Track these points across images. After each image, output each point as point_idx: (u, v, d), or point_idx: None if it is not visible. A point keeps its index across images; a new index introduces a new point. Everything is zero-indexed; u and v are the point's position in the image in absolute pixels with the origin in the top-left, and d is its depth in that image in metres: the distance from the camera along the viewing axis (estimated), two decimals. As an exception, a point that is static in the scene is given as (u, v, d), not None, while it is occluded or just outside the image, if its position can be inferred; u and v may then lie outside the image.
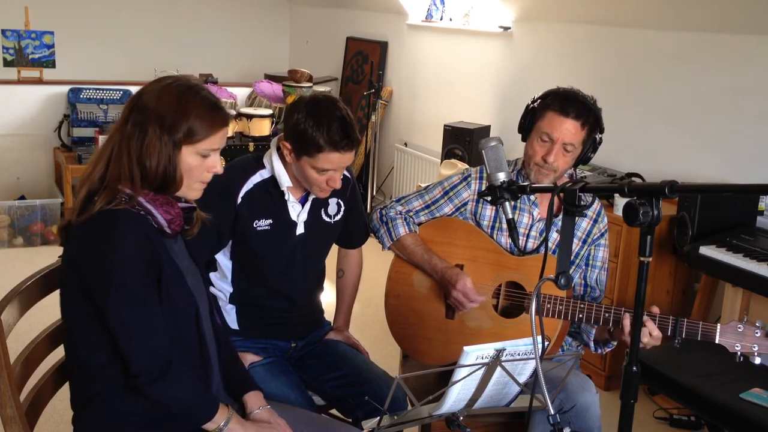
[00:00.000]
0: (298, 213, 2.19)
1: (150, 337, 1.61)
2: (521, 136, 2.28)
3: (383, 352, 3.50)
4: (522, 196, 2.01)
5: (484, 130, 4.80)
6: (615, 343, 2.15)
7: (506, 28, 4.77)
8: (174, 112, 1.60)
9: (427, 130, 5.53)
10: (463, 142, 4.73)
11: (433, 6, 5.53)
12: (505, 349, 1.58)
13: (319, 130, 1.99)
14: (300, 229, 2.20)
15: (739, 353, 1.86)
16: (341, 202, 2.29)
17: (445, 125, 4.86)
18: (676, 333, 1.92)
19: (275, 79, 6.09)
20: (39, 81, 5.68)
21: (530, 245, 2.31)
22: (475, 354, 1.56)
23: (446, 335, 2.26)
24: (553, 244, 2.26)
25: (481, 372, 1.60)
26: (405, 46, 5.83)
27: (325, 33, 7.02)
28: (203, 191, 1.73)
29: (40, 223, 5.18)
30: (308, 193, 2.18)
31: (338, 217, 2.29)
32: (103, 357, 1.64)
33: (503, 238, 2.29)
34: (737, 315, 3.02)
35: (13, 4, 5.85)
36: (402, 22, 5.82)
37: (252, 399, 1.89)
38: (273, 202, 2.15)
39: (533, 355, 1.59)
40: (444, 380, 1.68)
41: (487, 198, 1.73)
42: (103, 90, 5.63)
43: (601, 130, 2.23)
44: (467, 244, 2.28)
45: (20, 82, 5.65)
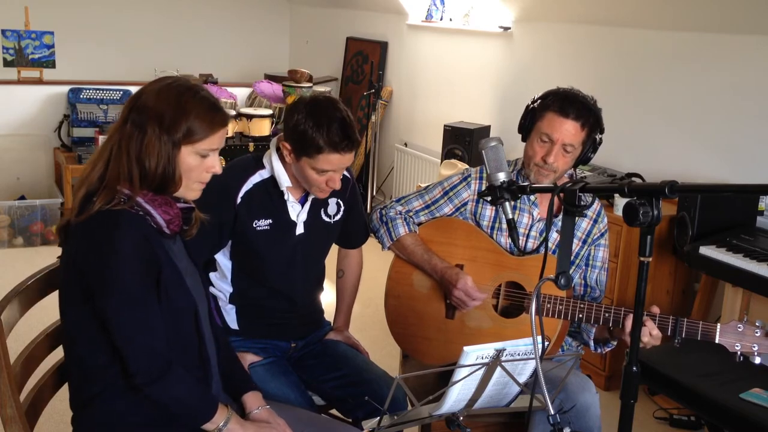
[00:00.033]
0: (297, 213, 2.19)
1: (149, 337, 1.61)
2: (521, 136, 2.28)
3: (383, 352, 3.50)
4: (522, 196, 2.01)
5: (484, 130, 4.80)
6: (615, 342, 2.15)
7: (506, 28, 4.77)
8: (173, 112, 1.60)
9: (427, 130, 5.53)
10: (463, 142, 4.73)
11: (433, 6, 5.53)
12: (505, 349, 1.58)
13: (319, 131, 1.99)
14: (300, 229, 2.20)
15: (739, 353, 1.86)
16: (341, 202, 2.29)
17: (445, 125, 4.86)
18: (676, 333, 1.92)
19: (275, 79, 6.09)
20: (39, 81, 5.68)
21: (530, 245, 2.31)
22: (475, 354, 1.56)
23: (446, 335, 2.26)
24: (553, 244, 2.26)
25: (481, 372, 1.60)
26: (405, 46, 5.83)
27: (325, 33, 7.02)
28: (203, 191, 1.73)
29: (40, 223, 5.18)
30: (308, 193, 2.18)
31: (338, 217, 2.29)
32: (103, 357, 1.64)
33: (503, 238, 2.29)
34: (737, 315, 3.02)
35: (13, 4, 5.85)
36: (402, 22, 5.82)
37: (251, 399, 1.89)
38: (272, 202, 2.15)
39: (533, 355, 1.59)
40: (444, 380, 1.68)
41: (487, 198, 1.73)
42: (103, 90, 5.63)
43: (601, 131, 2.23)
44: (467, 244, 2.28)
45: (20, 82, 5.65)
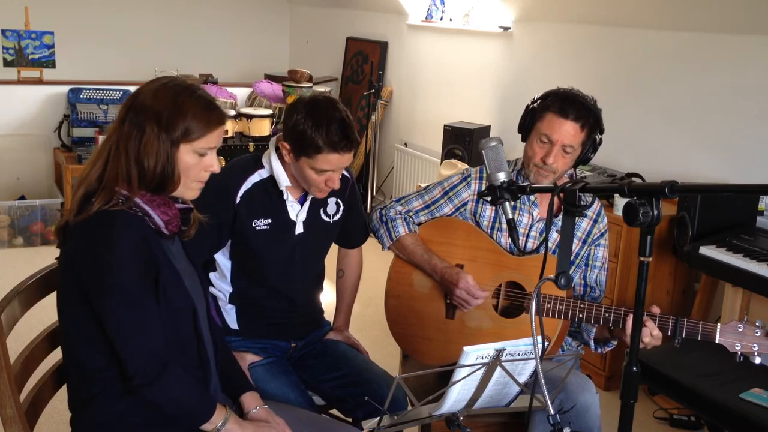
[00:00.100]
0: (297, 213, 2.19)
1: (146, 338, 1.60)
2: (521, 136, 2.28)
3: (383, 352, 3.50)
4: (522, 196, 2.01)
5: (484, 130, 4.80)
6: (615, 342, 2.15)
7: (506, 28, 4.77)
8: (171, 111, 1.61)
9: (427, 130, 5.53)
10: (463, 142, 4.73)
11: (433, 6, 5.53)
12: (505, 349, 1.58)
13: (318, 131, 2.00)
14: (299, 229, 2.20)
15: (739, 353, 1.86)
16: (340, 202, 2.29)
17: (445, 125, 4.86)
18: (676, 333, 1.92)
19: (275, 79, 6.09)
20: (39, 81, 5.68)
21: (530, 245, 2.31)
22: (475, 354, 1.56)
23: (446, 335, 2.26)
24: (553, 244, 2.26)
25: (481, 372, 1.60)
26: (405, 46, 5.83)
27: (325, 33, 7.02)
28: (202, 191, 1.73)
29: (40, 223, 5.18)
30: (307, 193, 2.18)
31: (337, 216, 2.29)
32: (101, 359, 1.64)
33: (503, 238, 2.29)
34: (737, 315, 3.02)
35: (13, 4, 5.85)
36: (402, 22, 5.82)
37: (249, 399, 1.89)
38: (272, 202, 2.16)
39: (533, 355, 1.59)
40: (444, 380, 1.68)
41: (487, 198, 1.73)
42: (103, 90, 5.63)
43: (601, 131, 2.22)
44: (467, 244, 2.28)
45: (20, 82, 5.65)
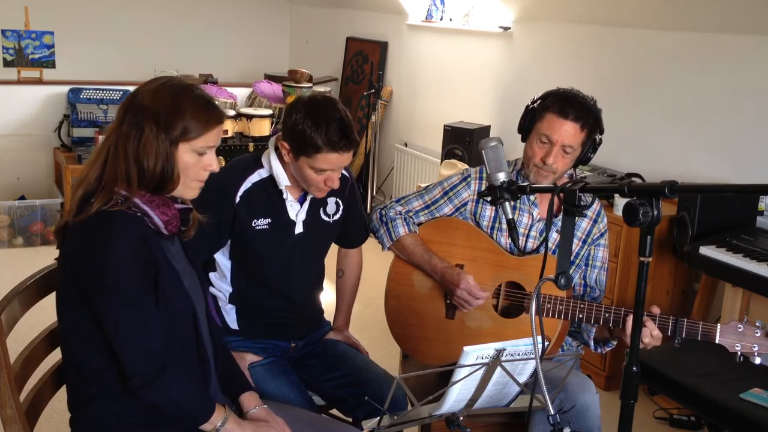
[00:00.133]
0: (296, 212, 2.19)
1: (145, 338, 1.60)
2: (521, 136, 2.28)
3: (383, 352, 3.50)
4: (522, 196, 2.01)
5: (484, 130, 4.80)
6: (615, 342, 2.15)
7: (506, 28, 4.77)
8: (169, 110, 1.61)
9: (427, 130, 5.53)
10: (463, 142, 4.73)
11: (433, 6, 5.53)
12: (505, 349, 1.58)
13: (317, 130, 2.00)
14: (299, 229, 2.20)
15: (739, 353, 1.86)
16: (340, 202, 2.29)
17: (445, 125, 4.86)
18: (676, 333, 1.92)
19: (275, 79, 6.09)
20: (39, 81, 5.68)
21: (530, 245, 2.31)
22: (475, 354, 1.56)
23: (446, 335, 2.26)
24: (552, 244, 2.26)
25: (481, 372, 1.60)
26: (405, 46, 5.83)
27: (325, 33, 7.02)
28: (202, 191, 1.73)
29: (40, 223, 5.18)
30: (307, 193, 2.18)
31: (337, 216, 2.29)
32: (100, 359, 1.63)
33: (503, 239, 2.29)
34: (737, 315, 3.02)
35: (13, 4, 5.85)
36: (402, 22, 5.82)
37: (247, 399, 1.89)
38: (271, 202, 2.16)
39: (533, 355, 1.58)
40: (444, 380, 1.68)
41: (487, 198, 1.73)
42: (103, 90, 5.63)
43: (601, 131, 2.22)
44: (467, 244, 2.28)
45: (20, 82, 5.65)
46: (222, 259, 2.21)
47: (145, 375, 1.60)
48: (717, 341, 1.88)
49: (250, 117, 5.37)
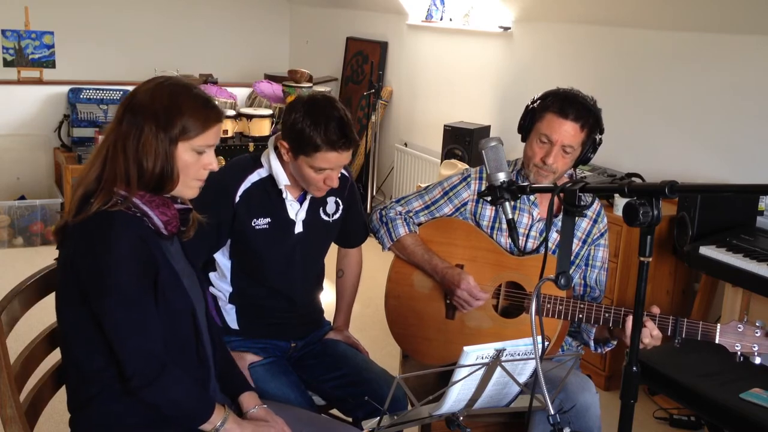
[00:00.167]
0: (296, 212, 2.19)
1: (145, 338, 1.60)
2: (521, 136, 2.28)
3: (383, 352, 3.50)
4: (522, 196, 2.01)
5: (484, 130, 4.80)
6: (615, 342, 2.15)
7: (506, 28, 4.77)
8: (168, 109, 1.61)
9: (427, 130, 5.53)
10: (463, 142, 4.73)
11: (433, 6, 5.53)
12: (505, 349, 1.58)
13: (316, 129, 2.00)
14: (298, 228, 2.20)
15: (739, 353, 1.86)
16: (339, 201, 2.29)
17: (445, 125, 4.86)
18: (676, 333, 1.92)
19: (275, 79, 6.09)
20: (39, 81, 5.68)
21: (530, 245, 2.31)
22: (475, 354, 1.56)
23: (446, 335, 2.26)
24: (552, 244, 2.26)
25: (481, 372, 1.60)
26: (405, 46, 5.83)
27: (325, 33, 7.02)
28: (201, 190, 1.73)
29: (40, 223, 5.18)
30: (306, 192, 2.18)
31: (337, 215, 2.29)
32: (100, 359, 1.63)
33: (503, 239, 2.29)
34: (737, 315, 3.02)
35: (13, 4, 5.85)
36: (402, 22, 5.82)
37: (247, 399, 1.89)
38: (271, 201, 2.16)
39: (533, 355, 1.58)
40: (444, 380, 1.68)
41: (487, 198, 1.73)
42: (103, 90, 5.63)
43: (601, 131, 2.22)
44: (467, 244, 2.28)
45: (20, 82, 5.65)
46: (222, 258, 2.21)
47: (144, 375, 1.59)
48: (717, 341, 1.88)
49: (250, 117, 5.37)
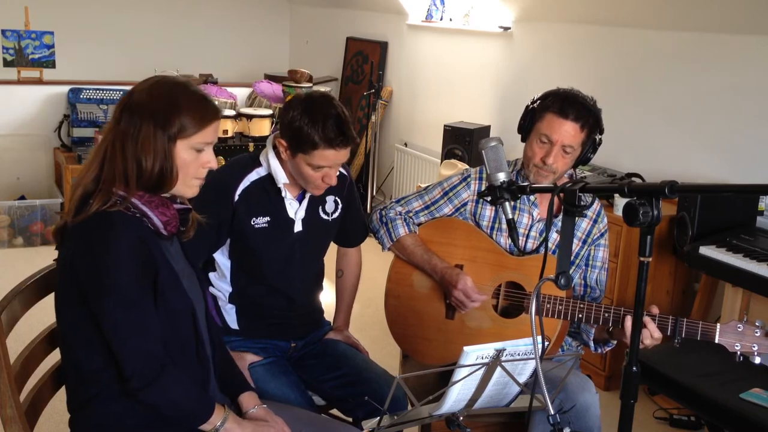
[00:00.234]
0: (295, 210, 2.19)
1: (144, 339, 1.60)
2: (521, 136, 2.28)
3: (383, 352, 3.50)
4: (522, 196, 2.01)
5: (484, 130, 4.80)
6: (615, 342, 2.15)
7: (506, 28, 4.77)
8: (166, 107, 1.60)
9: (427, 130, 5.53)
10: (463, 142, 4.73)
11: (433, 6, 5.53)
12: (505, 349, 1.58)
13: (314, 127, 2.00)
14: (298, 227, 2.20)
15: (738, 353, 1.86)
16: (338, 200, 2.29)
17: (445, 125, 4.86)
18: (676, 333, 1.92)
19: (275, 79, 6.09)
20: (39, 81, 5.68)
21: (530, 245, 2.31)
22: (475, 354, 1.56)
23: (446, 335, 2.26)
24: (552, 244, 2.26)
25: (481, 372, 1.60)
26: (405, 46, 5.83)
27: (325, 33, 7.02)
28: (201, 189, 1.73)
29: (40, 223, 5.18)
30: (305, 191, 2.19)
31: (336, 214, 2.29)
32: (99, 360, 1.63)
33: (502, 239, 2.29)
34: (737, 315, 3.02)
35: (13, 4, 5.85)
36: (402, 22, 5.82)
37: (246, 399, 1.89)
38: (270, 200, 2.16)
39: (533, 355, 1.58)
40: (444, 380, 1.68)
41: (487, 198, 1.73)
42: (103, 90, 5.63)
43: (601, 131, 2.22)
44: (467, 244, 2.28)
45: (20, 82, 5.65)
46: (221, 258, 2.21)
47: (144, 376, 1.59)
48: (716, 341, 1.88)
49: (250, 117, 5.37)
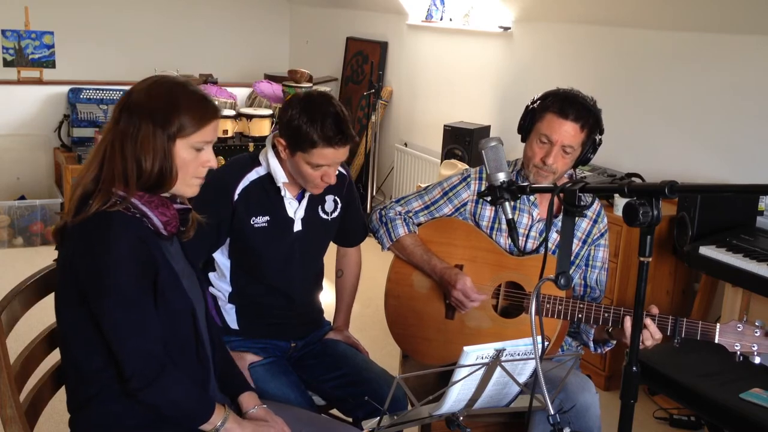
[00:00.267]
0: (295, 210, 2.19)
1: (144, 339, 1.60)
2: (521, 136, 2.28)
3: (383, 352, 3.50)
4: (522, 196, 2.01)
5: (484, 130, 4.80)
6: (614, 342, 2.15)
7: (506, 28, 4.77)
8: (165, 106, 1.60)
9: (427, 130, 5.53)
10: (463, 142, 4.73)
11: (433, 6, 5.53)
12: (505, 349, 1.58)
13: (313, 125, 2.01)
14: (297, 226, 2.20)
15: (738, 353, 1.86)
16: (338, 199, 2.29)
17: (445, 125, 4.86)
18: (676, 332, 1.92)
19: (275, 79, 6.09)
20: (39, 81, 5.68)
21: (530, 245, 2.31)
22: (475, 354, 1.56)
23: (446, 335, 2.26)
24: (552, 244, 2.26)
25: (481, 372, 1.60)
26: (405, 46, 5.83)
27: (325, 33, 7.02)
28: (201, 189, 1.73)
29: (40, 223, 5.18)
30: (305, 190, 2.19)
31: (335, 214, 2.30)
32: (99, 360, 1.63)
33: (502, 239, 2.29)
34: (737, 315, 3.02)
35: (13, 4, 5.85)
36: (402, 22, 5.82)
37: (246, 399, 1.89)
38: (269, 199, 2.16)
39: (533, 355, 1.58)
40: (444, 380, 1.68)
41: (487, 198, 1.73)
42: (103, 90, 5.63)
43: (601, 131, 2.22)
44: (467, 244, 2.28)
45: (20, 82, 5.65)
46: (221, 258, 2.21)
47: (144, 376, 1.59)
48: (716, 341, 1.88)
49: (250, 117, 5.37)
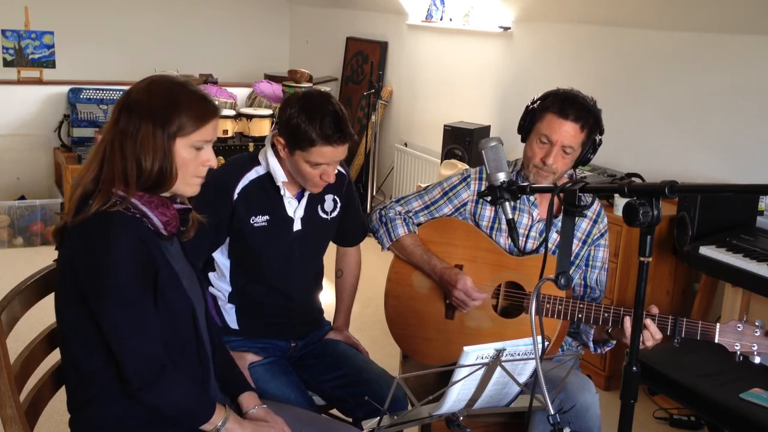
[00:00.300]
0: (294, 209, 2.19)
1: (144, 339, 1.60)
2: (521, 137, 2.28)
3: (383, 352, 3.50)
4: (522, 196, 2.01)
5: (484, 130, 4.80)
6: (614, 342, 2.15)
7: (506, 28, 4.77)
8: (165, 106, 1.60)
9: (427, 130, 5.53)
10: (463, 142, 4.73)
11: (433, 6, 5.53)
12: (505, 349, 1.58)
13: (311, 124, 2.01)
14: (297, 226, 2.20)
15: (738, 353, 1.86)
16: (337, 199, 2.30)
17: (445, 125, 4.86)
18: (675, 332, 1.92)
19: (275, 79, 6.09)
20: (39, 81, 5.68)
21: (530, 246, 2.31)
22: (475, 354, 1.56)
23: (446, 335, 2.26)
24: (552, 244, 2.26)
25: (481, 372, 1.60)
26: (405, 46, 5.83)
27: (325, 33, 7.02)
28: (200, 189, 1.73)
29: (40, 223, 5.18)
30: (304, 189, 2.19)
31: (335, 213, 2.30)
32: (99, 360, 1.63)
33: (502, 239, 2.29)
34: (737, 315, 3.02)
35: (13, 4, 5.85)
36: (402, 22, 5.82)
37: (247, 399, 1.89)
38: (269, 199, 2.16)
39: (533, 355, 1.59)
40: (444, 380, 1.68)
41: (487, 198, 1.73)
42: (103, 90, 5.63)
43: (601, 132, 2.22)
44: (467, 244, 2.28)
45: (20, 82, 5.65)
46: (221, 258, 2.21)
47: (144, 376, 1.59)
48: (716, 341, 1.88)
49: (250, 117, 5.37)
